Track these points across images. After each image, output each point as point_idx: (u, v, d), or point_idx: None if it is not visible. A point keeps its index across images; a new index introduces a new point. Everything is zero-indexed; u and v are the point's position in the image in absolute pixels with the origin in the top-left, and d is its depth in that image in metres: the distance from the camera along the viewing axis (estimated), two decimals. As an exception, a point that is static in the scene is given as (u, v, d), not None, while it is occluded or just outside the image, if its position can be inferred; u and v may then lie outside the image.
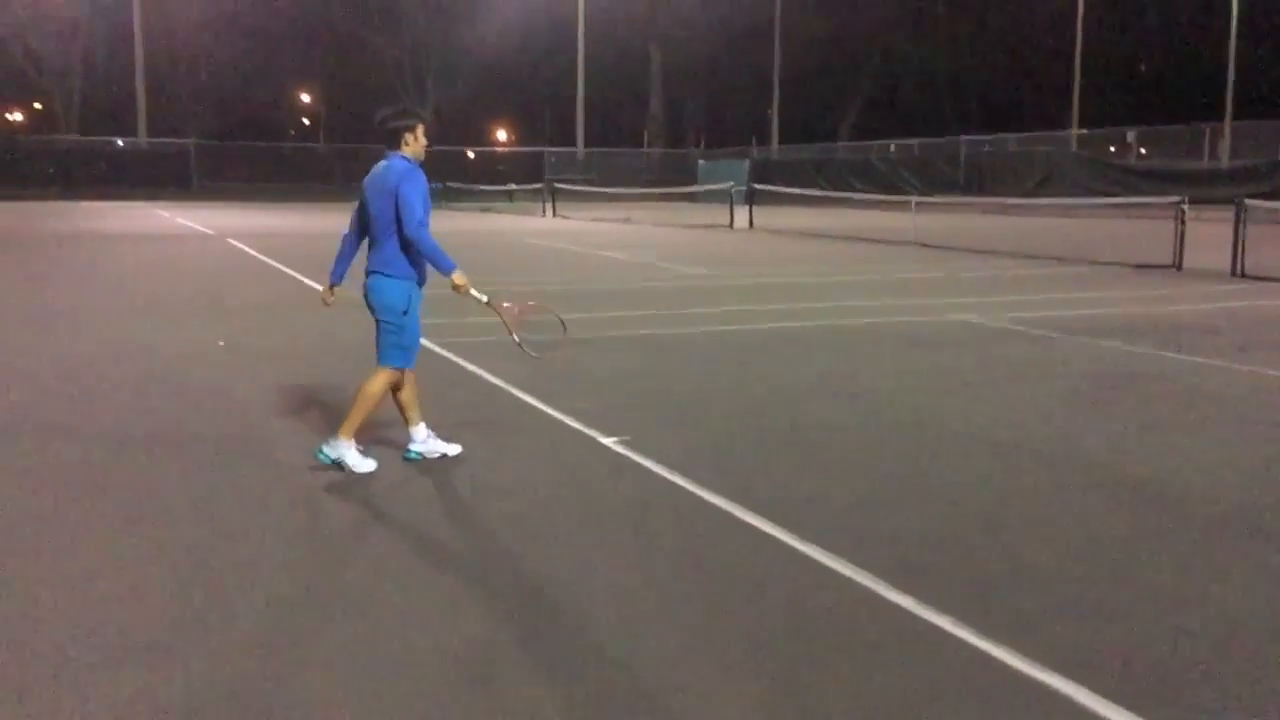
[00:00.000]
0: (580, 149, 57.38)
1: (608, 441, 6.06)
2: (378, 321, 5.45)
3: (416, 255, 5.39)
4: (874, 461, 5.80)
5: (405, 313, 5.41)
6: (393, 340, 5.43)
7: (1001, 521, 4.81)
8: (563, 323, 6.09)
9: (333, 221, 30.78)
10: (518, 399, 7.17)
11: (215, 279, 15.01)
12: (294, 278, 14.48)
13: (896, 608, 3.79)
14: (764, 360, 8.72)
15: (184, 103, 64.23)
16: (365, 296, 5.48)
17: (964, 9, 62.92)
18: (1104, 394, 7.56)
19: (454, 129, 69.12)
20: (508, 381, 7.64)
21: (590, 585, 4.05)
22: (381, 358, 5.47)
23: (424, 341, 9.22)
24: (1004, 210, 32.37)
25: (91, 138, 53.50)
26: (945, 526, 4.72)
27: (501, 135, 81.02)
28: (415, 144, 5.44)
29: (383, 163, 5.45)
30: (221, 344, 9.33)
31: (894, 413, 6.90)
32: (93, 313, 11.39)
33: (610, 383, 7.83)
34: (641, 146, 65.59)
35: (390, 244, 5.35)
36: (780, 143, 59.56)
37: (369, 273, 5.45)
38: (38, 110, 63.36)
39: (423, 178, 5.38)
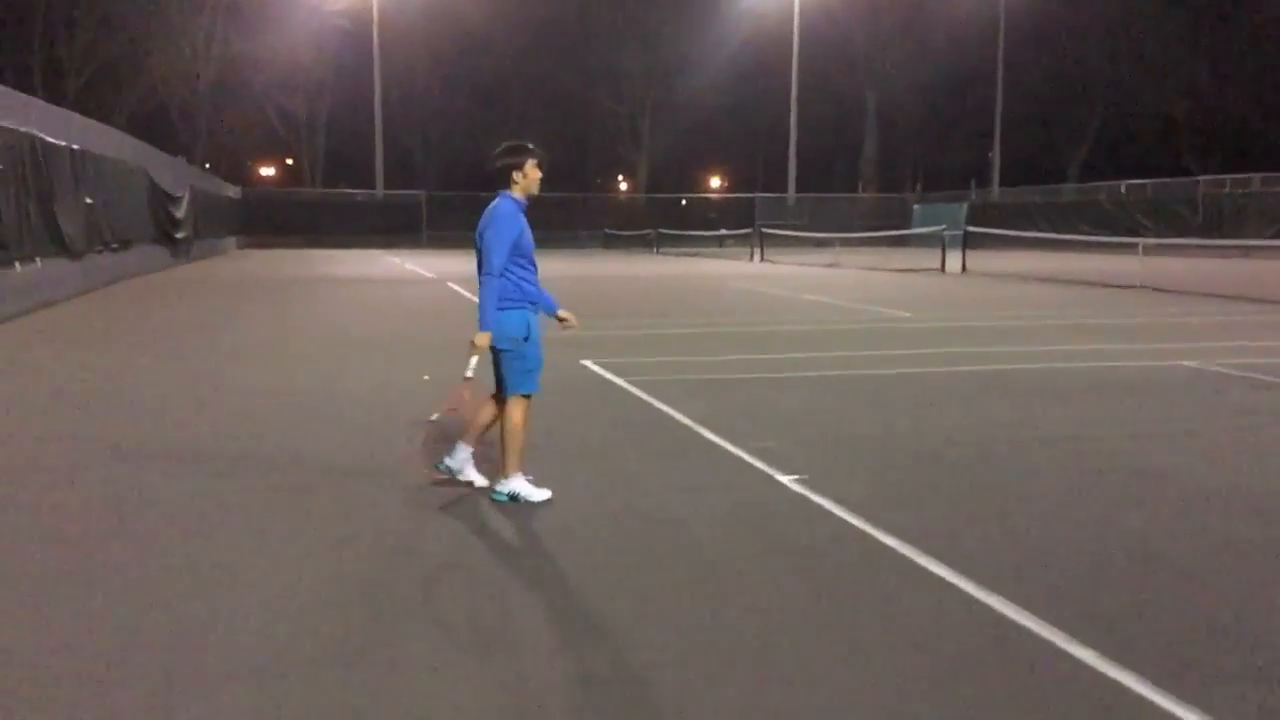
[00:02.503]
0: (791, 194, 57.30)
1: (785, 479, 5.94)
2: (498, 352, 5.45)
3: (525, 282, 5.41)
4: (1066, 509, 5.42)
5: (526, 339, 5.43)
6: (517, 367, 5.45)
7: (1206, 578, 4.41)
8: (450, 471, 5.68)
9: (550, 267, 31.71)
10: (700, 435, 7.14)
11: (430, 318, 15.75)
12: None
13: (1079, 662, 3.54)
14: (960, 403, 8.35)
15: (416, 156, 68.27)
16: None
17: (1203, 46, 59.25)
18: (1342, 446, 6.85)
19: (669, 176, 70.59)
20: (691, 418, 7.62)
21: (755, 622, 3.95)
22: (509, 388, 5.50)
23: (613, 379, 9.49)
24: (1245, 254, 30.11)
25: (333, 190, 57.54)
26: (1142, 580, 4.37)
27: (715, 182, 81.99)
28: (525, 181, 5.45)
29: (494, 201, 5.49)
30: (426, 378, 9.73)
31: (1096, 460, 6.45)
32: (312, 347, 12.14)
33: (796, 422, 7.68)
34: (855, 191, 64.88)
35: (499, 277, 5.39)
36: (1002, 184, 57.62)
37: None
38: (288, 166, 68.68)
39: (513, 225, 5.35)
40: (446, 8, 57.73)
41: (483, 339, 5.30)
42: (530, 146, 5.53)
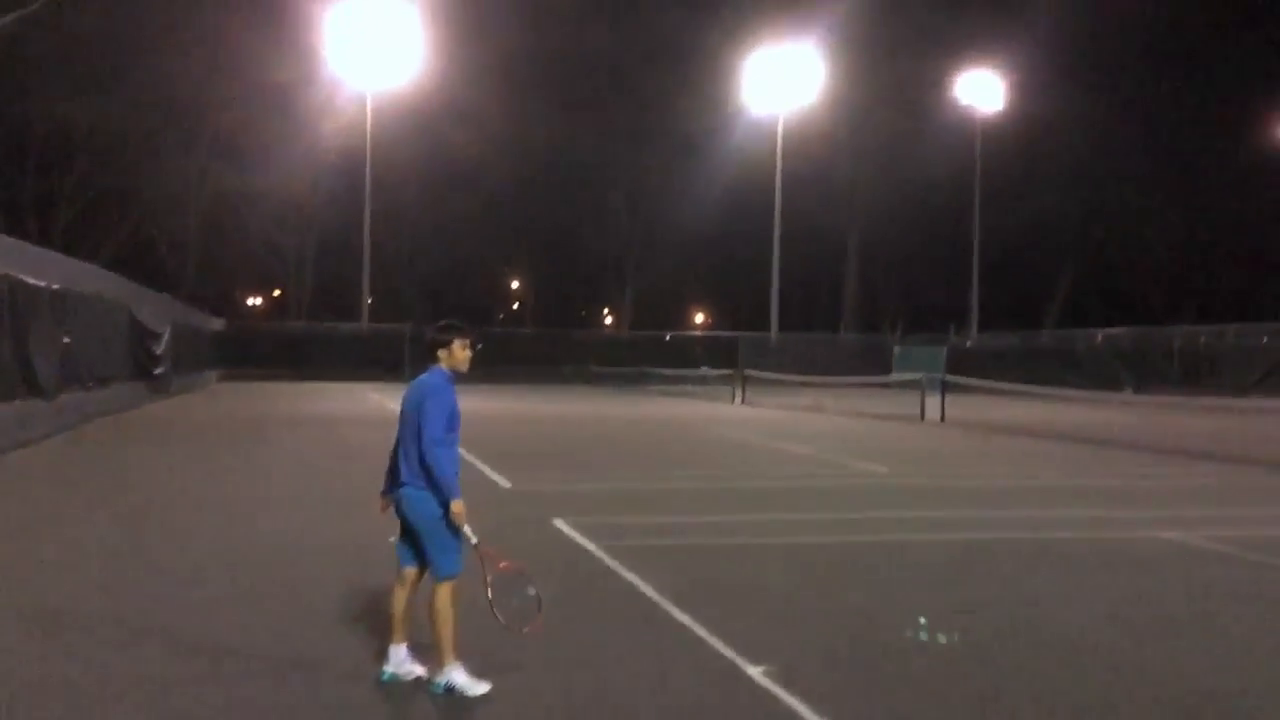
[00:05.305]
0: (774, 335, 57.84)
1: (752, 671, 5.69)
2: (419, 533, 5.34)
3: (448, 460, 5.35)
4: (1044, 714, 5.19)
5: (443, 518, 5.31)
6: (439, 546, 5.33)
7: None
8: (539, 600, 5.49)
9: (532, 407, 31.80)
10: (665, 612, 6.90)
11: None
12: (479, 470, 14.65)
13: None
14: (936, 580, 8.14)
15: (404, 289, 68.92)
16: (397, 507, 5.41)
17: (1180, 196, 60.93)
18: (1328, 640, 6.65)
19: (653, 312, 71.45)
20: (659, 591, 7.39)
21: None
22: (436, 571, 5.35)
23: (583, 542, 9.26)
24: (1226, 409, 30.23)
25: (317, 323, 57.80)
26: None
27: (699, 318, 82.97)
28: (451, 358, 5.49)
29: (423, 375, 5.52)
30: (393, 540, 9.48)
31: (1077, 653, 6.21)
32: (274, 502, 11.86)
33: (768, 598, 7.45)
34: (837, 330, 65.58)
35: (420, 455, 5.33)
36: (981, 326, 58.39)
37: (402, 484, 5.38)
38: (274, 297, 69.20)
39: (448, 396, 5.38)
40: (439, 145, 59.15)
41: (459, 506, 5.24)
42: (461, 326, 5.59)
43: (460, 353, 5.50)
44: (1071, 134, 59.78)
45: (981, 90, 58.07)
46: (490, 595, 5.35)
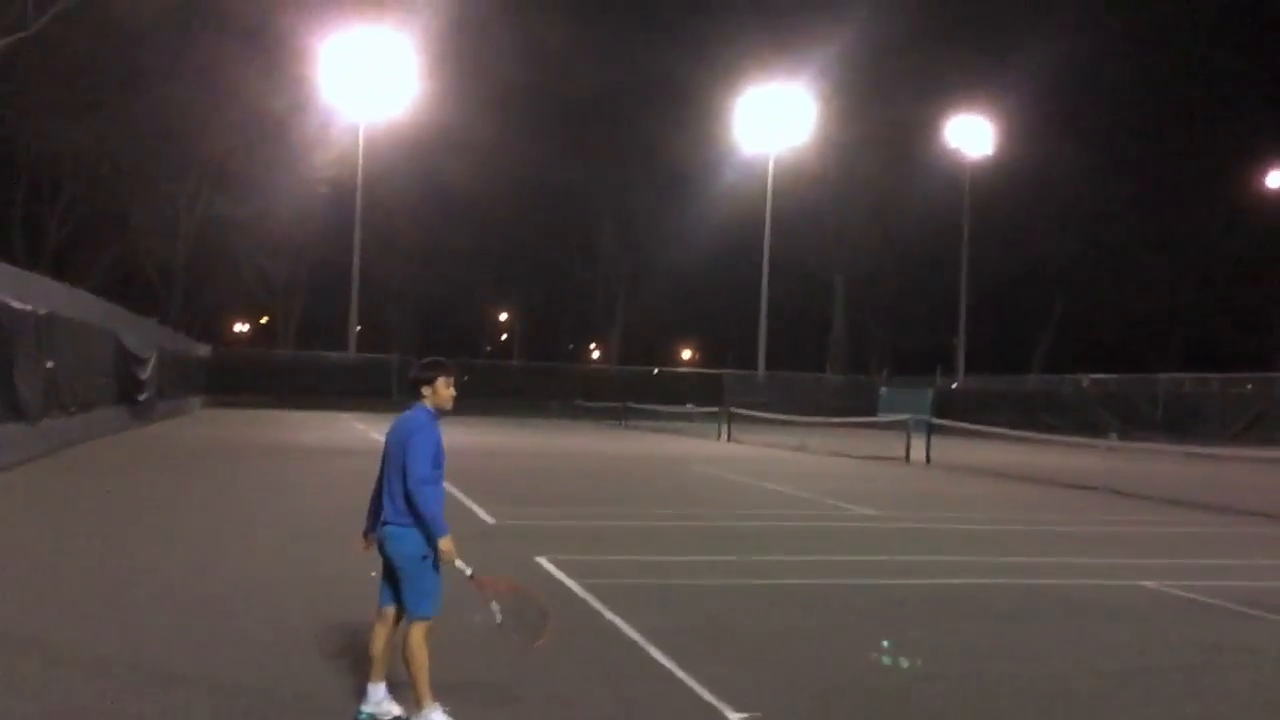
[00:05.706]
0: (761, 372, 57.93)
1: (735, 718, 5.66)
2: (399, 571, 5.34)
3: (432, 500, 5.34)
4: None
5: (425, 558, 5.30)
6: (417, 588, 5.31)
7: None
8: (545, 614, 5.51)
9: (517, 441, 31.68)
10: (649, 655, 6.86)
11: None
12: (463, 504, 14.58)
13: None
14: (922, 626, 8.11)
15: (392, 318, 68.92)
16: (380, 546, 5.41)
17: (1167, 243, 61.46)
18: (1310, 694, 6.65)
19: (640, 345, 71.58)
20: (641, 632, 7.35)
21: None
22: (411, 610, 5.32)
23: (565, 580, 9.20)
24: (1209, 457, 30.31)
25: (304, 351, 57.65)
26: None
27: (686, 354, 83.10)
28: (434, 396, 5.51)
29: (407, 412, 5.53)
30: (374, 575, 9.40)
31: (1063, 706, 6.21)
32: (255, 532, 11.79)
33: (751, 642, 7.41)
34: (823, 371, 65.73)
35: (405, 493, 5.32)
36: (967, 369, 58.59)
37: (385, 522, 5.38)
38: (262, 324, 69.02)
39: (432, 434, 5.39)
40: (430, 176, 59.36)
41: (447, 543, 5.24)
42: (446, 364, 5.61)
43: (444, 390, 5.52)
44: (1060, 179, 60.38)
45: (971, 134, 58.71)
46: (499, 619, 5.37)
